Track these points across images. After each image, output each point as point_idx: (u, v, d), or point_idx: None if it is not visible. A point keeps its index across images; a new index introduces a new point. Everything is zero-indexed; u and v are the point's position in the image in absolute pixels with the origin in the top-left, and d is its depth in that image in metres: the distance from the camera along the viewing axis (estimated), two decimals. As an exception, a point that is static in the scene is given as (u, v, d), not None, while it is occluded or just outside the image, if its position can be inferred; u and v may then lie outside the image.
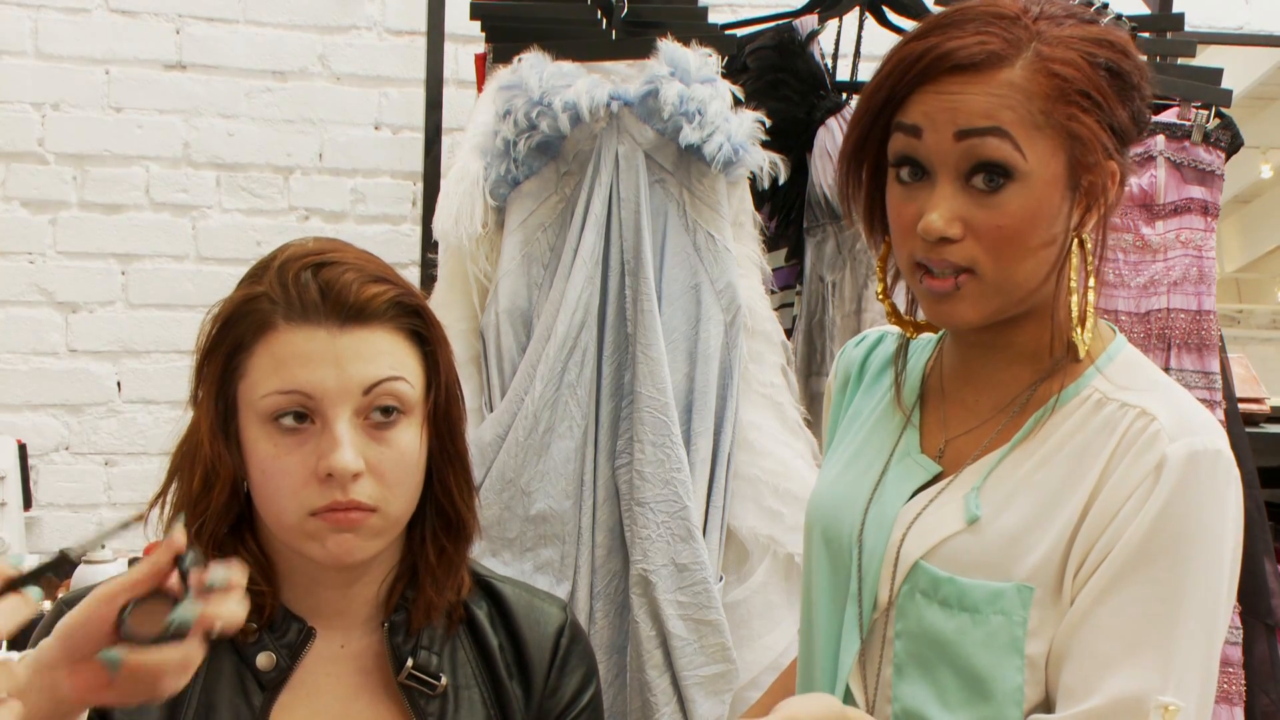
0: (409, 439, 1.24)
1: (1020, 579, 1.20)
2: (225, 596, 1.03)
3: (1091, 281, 1.24)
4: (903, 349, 1.38)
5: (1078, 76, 1.18)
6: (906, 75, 1.20)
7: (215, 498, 1.24)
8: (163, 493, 1.28)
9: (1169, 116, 2.27)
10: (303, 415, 1.21)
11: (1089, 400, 1.23)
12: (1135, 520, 1.17)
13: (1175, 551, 1.16)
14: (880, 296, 1.33)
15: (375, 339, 1.23)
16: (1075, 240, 1.22)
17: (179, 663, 1.03)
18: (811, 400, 2.26)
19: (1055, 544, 1.20)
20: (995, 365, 1.29)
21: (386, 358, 1.23)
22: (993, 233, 1.18)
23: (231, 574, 1.04)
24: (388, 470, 1.22)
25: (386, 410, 1.22)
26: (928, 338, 1.39)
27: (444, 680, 1.29)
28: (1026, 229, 1.18)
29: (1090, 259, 1.24)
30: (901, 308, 1.35)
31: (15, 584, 0.98)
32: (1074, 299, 1.22)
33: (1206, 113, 2.27)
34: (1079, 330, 1.22)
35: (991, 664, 1.21)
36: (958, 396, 1.32)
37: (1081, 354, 1.23)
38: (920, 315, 1.33)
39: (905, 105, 1.21)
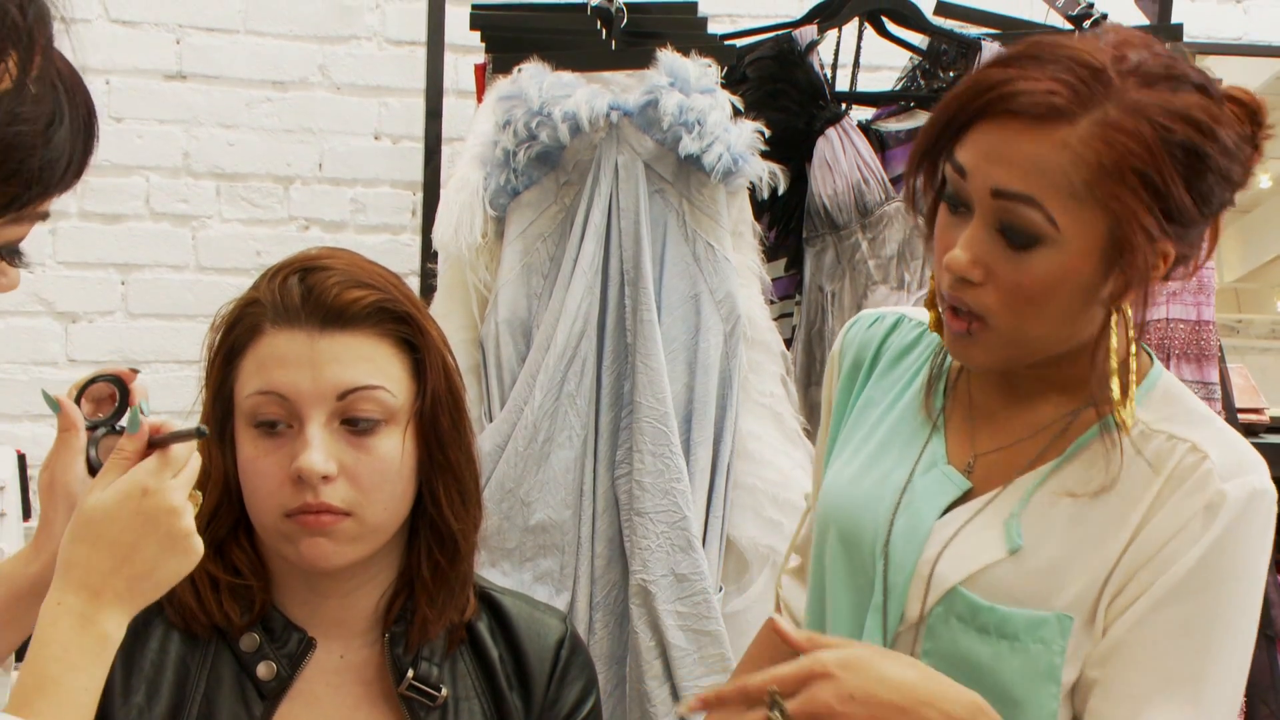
0: (389, 446, 1.23)
1: (1059, 608, 1.20)
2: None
3: (1132, 349, 1.21)
4: (941, 353, 1.35)
5: (1138, 153, 1.10)
6: (971, 104, 1.15)
7: (207, 497, 1.26)
8: None
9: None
10: (279, 417, 1.22)
11: (1133, 431, 1.21)
12: (1184, 556, 1.16)
13: (1218, 588, 1.17)
14: (928, 305, 1.29)
15: (356, 344, 1.23)
16: (1114, 312, 1.17)
17: None
18: (811, 410, 2.26)
19: (1096, 575, 1.19)
20: (1031, 388, 1.27)
21: (366, 364, 1.23)
22: (1012, 288, 1.15)
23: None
24: (364, 476, 1.22)
25: (364, 417, 1.22)
26: None
27: (444, 691, 1.29)
28: (1047, 293, 1.15)
29: (1130, 330, 1.20)
30: None
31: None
32: (1114, 380, 1.17)
33: (1205, 123, 2.27)
34: (1122, 408, 1.18)
35: (1027, 690, 1.21)
36: (987, 408, 1.30)
37: (1129, 428, 1.19)
38: None
39: (963, 136, 1.17)
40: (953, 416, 1.32)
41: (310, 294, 1.23)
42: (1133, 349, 1.21)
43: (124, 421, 1.22)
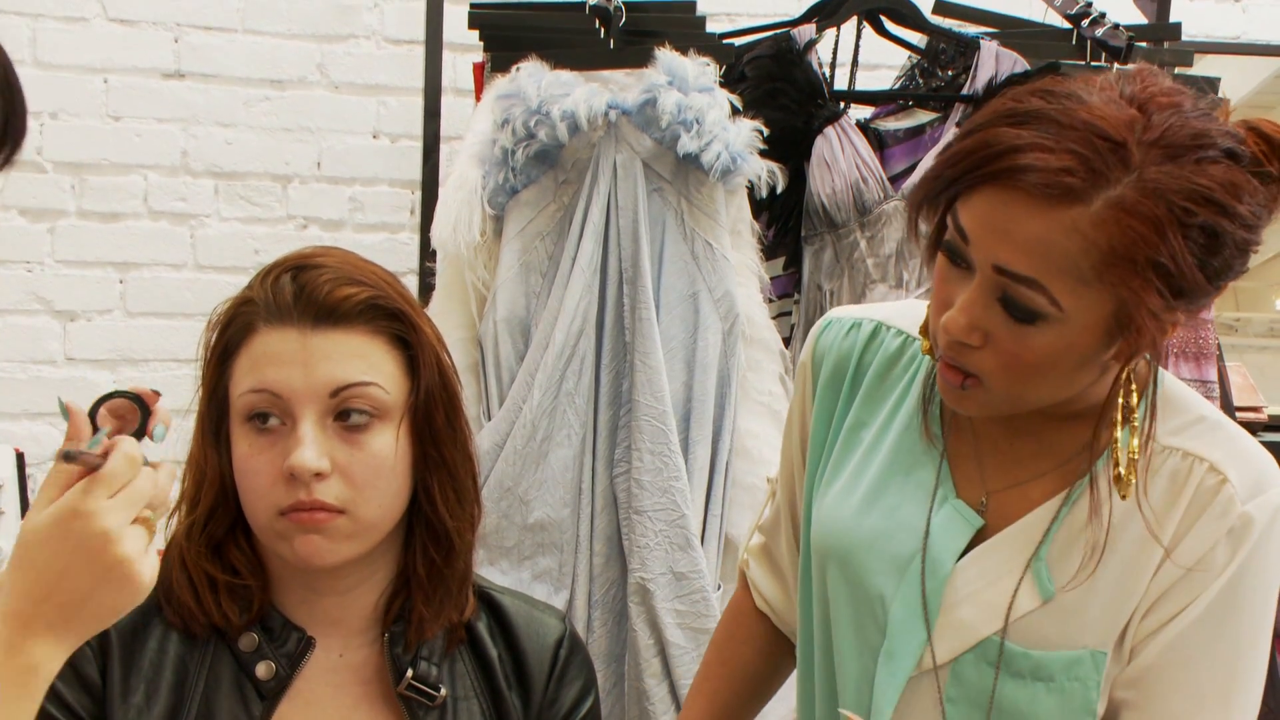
0: (383, 443, 1.23)
1: (1092, 645, 1.19)
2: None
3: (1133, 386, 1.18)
4: (930, 376, 1.29)
5: (1151, 240, 1.04)
6: (980, 168, 1.08)
7: (204, 497, 1.26)
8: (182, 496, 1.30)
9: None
10: (272, 415, 1.22)
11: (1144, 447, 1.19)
12: (1212, 583, 1.16)
13: (1244, 606, 1.18)
14: (922, 332, 1.24)
15: (349, 341, 1.23)
16: (1127, 371, 1.14)
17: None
18: (809, 409, 2.26)
19: (1125, 606, 1.19)
20: (1037, 418, 1.22)
21: (358, 361, 1.22)
22: (1010, 358, 1.11)
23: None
24: (357, 473, 1.22)
25: (357, 413, 1.22)
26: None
27: (443, 691, 1.29)
28: (1046, 364, 1.11)
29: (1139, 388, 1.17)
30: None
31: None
32: (1132, 439, 1.15)
33: (1204, 122, 2.27)
34: (1129, 474, 1.15)
35: None
36: (991, 438, 1.26)
37: (1128, 494, 1.16)
38: None
39: (969, 195, 1.10)
40: (956, 445, 1.28)
41: (302, 292, 1.22)
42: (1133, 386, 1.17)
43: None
